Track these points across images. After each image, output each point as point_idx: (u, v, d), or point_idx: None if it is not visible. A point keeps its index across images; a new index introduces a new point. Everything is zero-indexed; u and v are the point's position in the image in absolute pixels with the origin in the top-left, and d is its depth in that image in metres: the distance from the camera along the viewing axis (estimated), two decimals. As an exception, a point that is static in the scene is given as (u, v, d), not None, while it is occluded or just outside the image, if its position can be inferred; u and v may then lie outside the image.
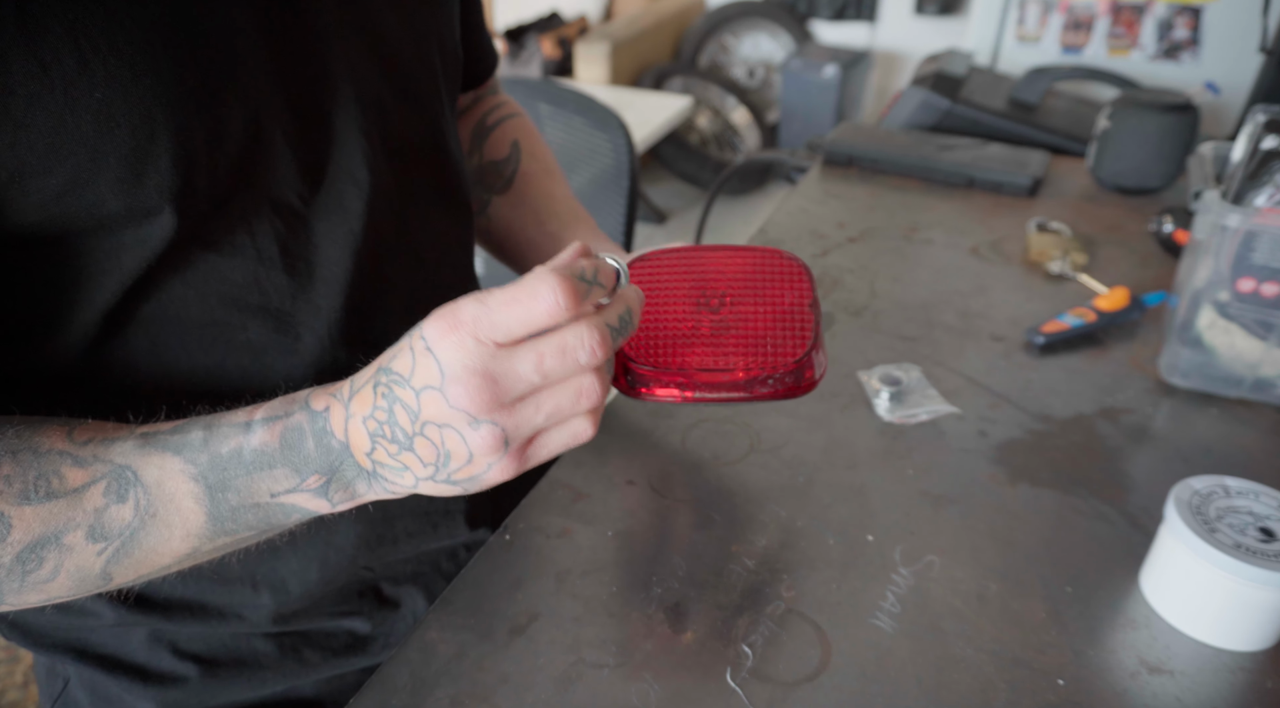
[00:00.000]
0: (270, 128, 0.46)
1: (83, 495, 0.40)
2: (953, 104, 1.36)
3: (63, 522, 0.40)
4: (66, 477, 0.40)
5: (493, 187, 0.74)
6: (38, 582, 0.41)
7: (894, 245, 1.03)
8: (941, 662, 0.52)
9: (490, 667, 0.52)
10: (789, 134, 3.41)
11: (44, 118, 0.37)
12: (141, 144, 0.40)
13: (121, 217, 0.42)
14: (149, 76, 0.40)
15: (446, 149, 0.60)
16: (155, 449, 0.41)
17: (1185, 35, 2.39)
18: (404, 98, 0.55)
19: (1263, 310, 0.72)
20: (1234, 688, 0.51)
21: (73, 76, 0.37)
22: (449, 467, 0.39)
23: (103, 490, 0.40)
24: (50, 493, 0.40)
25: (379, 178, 0.53)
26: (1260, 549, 0.51)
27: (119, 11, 0.39)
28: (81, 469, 0.41)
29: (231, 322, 0.49)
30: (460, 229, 0.64)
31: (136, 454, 0.41)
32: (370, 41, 0.52)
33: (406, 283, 0.57)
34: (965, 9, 3.29)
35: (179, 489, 0.41)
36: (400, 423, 0.39)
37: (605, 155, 1.39)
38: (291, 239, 0.49)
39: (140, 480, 0.41)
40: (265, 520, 0.43)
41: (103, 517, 0.40)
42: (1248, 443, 0.71)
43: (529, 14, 3.55)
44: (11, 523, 0.39)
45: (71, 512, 0.40)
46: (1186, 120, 1.10)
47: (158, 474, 0.41)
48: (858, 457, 0.69)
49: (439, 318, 0.38)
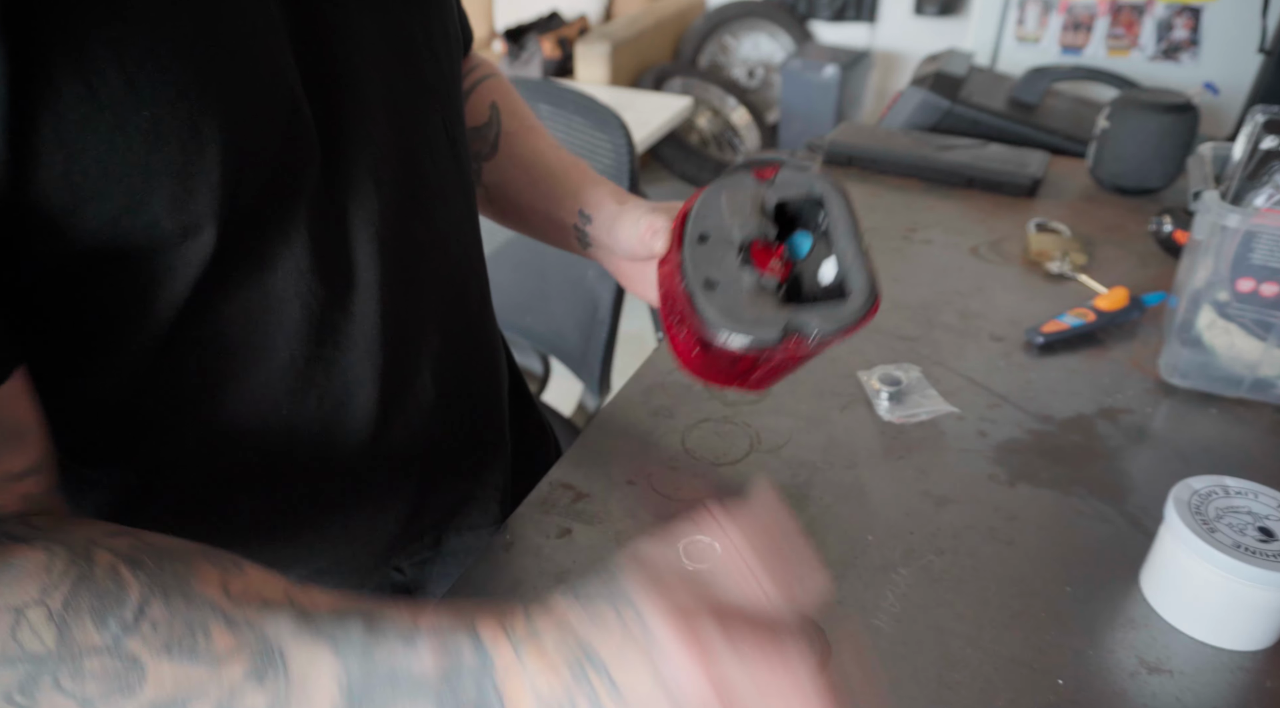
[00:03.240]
0: (304, 132, 0.46)
1: (224, 666, 0.36)
2: (952, 104, 1.36)
3: (197, 688, 0.36)
4: (214, 639, 0.36)
5: (479, 154, 0.73)
6: None
7: (894, 245, 1.03)
8: (941, 662, 0.52)
9: (491, 667, 0.52)
10: (789, 134, 3.41)
11: (95, 142, 0.37)
12: (192, 159, 0.40)
13: (176, 234, 0.41)
14: (194, 90, 0.39)
15: (458, 139, 0.60)
16: (310, 635, 0.36)
17: (1185, 35, 2.39)
18: (420, 91, 0.54)
19: (1262, 310, 0.72)
20: (1233, 688, 0.51)
21: (120, 97, 0.37)
22: None
23: (245, 668, 0.36)
24: (194, 653, 0.35)
25: (400, 176, 0.52)
26: (1259, 549, 0.51)
27: (159, 27, 0.38)
28: (231, 634, 0.36)
29: (274, 337, 0.48)
30: (473, 216, 0.64)
31: (290, 636, 0.36)
32: (383, 33, 0.51)
33: (434, 280, 0.57)
34: (965, 9, 3.29)
35: (321, 692, 0.36)
36: None
37: (605, 155, 1.39)
38: (324, 246, 0.48)
39: (286, 671, 0.36)
40: None
41: (236, 695, 0.36)
42: (1247, 443, 0.71)
43: (529, 14, 3.55)
44: (147, 676, 0.35)
45: (207, 683, 0.36)
46: (1186, 120, 1.10)
47: (306, 669, 0.36)
48: (858, 457, 0.69)
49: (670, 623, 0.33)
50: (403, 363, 0.53)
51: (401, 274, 0.53)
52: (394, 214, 0.51)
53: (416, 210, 0.54)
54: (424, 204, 0.55)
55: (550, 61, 3.32)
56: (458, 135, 0.59)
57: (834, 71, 3.19)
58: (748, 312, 0.49)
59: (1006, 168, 1.17)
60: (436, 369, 0.58)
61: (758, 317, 0.49)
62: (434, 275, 0.57)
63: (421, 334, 0.56)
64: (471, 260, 0.63)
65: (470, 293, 0.62)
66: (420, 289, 0.55)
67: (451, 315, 0.59)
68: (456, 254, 0.59)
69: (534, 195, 0.69)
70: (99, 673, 0.35)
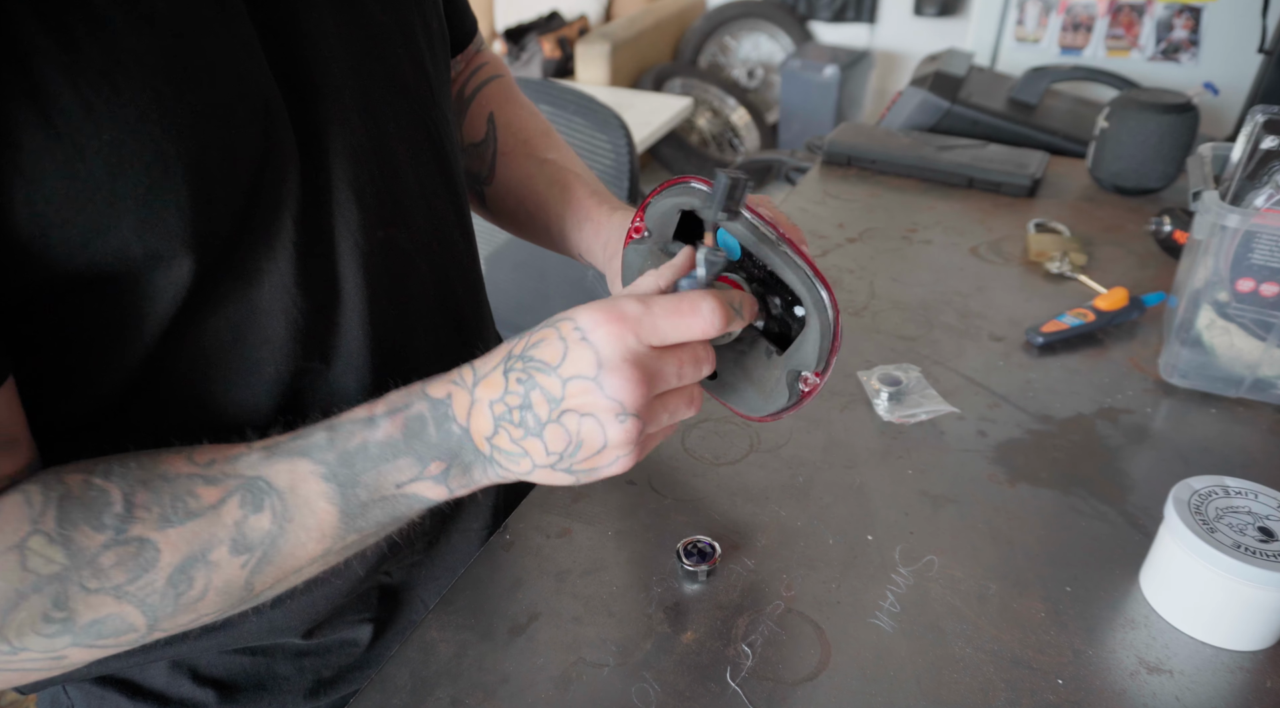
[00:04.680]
0: (282, 141, 0.45)
1: (220, 511, 0.41)
2: (952, 104, 1.36)
3: (207, 538, 0.40)
4: (201, 495, 0.41)
5: (479, 176, 0.72)
6: (189, 602, 0.41)
7: (894, 246, 1.03)
8: (941, 662, 0.52)
9: (490, 667, 0.52)
10: (789, 134, 3.42)
11: (54, 168, 0.36)
12: (156, 181, 0.39)
13: (147, 257, 0.41)
14: (155, 112, 0.38)
15: (443, 138, 0.59)
16: (282, 456, 0.42)
17: (1184, 35, 2.39)
18: (396, 92, 0.53)
19: (1262, 310, 0.72)
20: (1233, 688, 0.51)
21: (78, 122, 0.36)
22: (575, 456, 0.41)
23: (239, 503, 0.41)
24: (190, 513, 0.40)
25: (380, 180, 0.51)
26: (1259, 549, 0.51)
27: (116, 47, 0.37)
28: (214, 486, 0.41)
29: (260, 351, 0.48)
30: (462, 216, 0.63)
31: (264, 465, 0.42)
32: (359, 37, 0.50)
33: (420, 285, 0.56)
34: (965, 9, 3.29)
35: (311, 490, 0.41)
36: (535, 409, 0.40)
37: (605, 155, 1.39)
38: (307, 257, 0.48)
39: (274, 487, 0.41)
40: (391, 514, 0.44)
41: (243, 528, 0.41)
42: (1247, 443, 0.71)
43: (529, 14, 3.55)
44: (160, 547, 0.40)
45: (214, 528, 0.40)
46: (1186, 121, 1.10)
47: (289, 479, 0.41)
48: (857, 457, 0.69)
49: (596, 310, 0.40)
50: (392, 370, 0.53)
51: (386, 281, 0.52)
52: (375, 220, 0.51)
53: (398, 216, 0.53)
54: (406, 209, 0.54)
55: (550, 61, 3.32)
56: (442, 135, 0.58)
57: (834, 71, 3.19)
58: (757, 393, 0.50)
59: (1006, 168, 1.17)
60: (428, 374, 0.57)
61: (766, 392, 0.50)
62: (420, 280, 0.56)
63: (410, 340, 0.55)
64: (461, 263, 0.62)
65: (459, 295, 0.61)
66: (406, 295, 0.55)
67: (441, 319, 0.59)
68: (443, 258, 0.59)
69: (532, 226, 0.71)
70: (117, 563, 0.39)
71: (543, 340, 0.41)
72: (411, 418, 0.42)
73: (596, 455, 0.41)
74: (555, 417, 0.40)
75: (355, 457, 0.42)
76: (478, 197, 0.74)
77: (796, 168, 1.32)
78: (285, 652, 0.60)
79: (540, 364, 0.40)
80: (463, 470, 0.43)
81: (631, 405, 0.40)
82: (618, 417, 0.40)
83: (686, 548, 0.59)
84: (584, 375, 0.39)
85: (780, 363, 0.48)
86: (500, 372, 0.41)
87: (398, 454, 0.42)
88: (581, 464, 0.42)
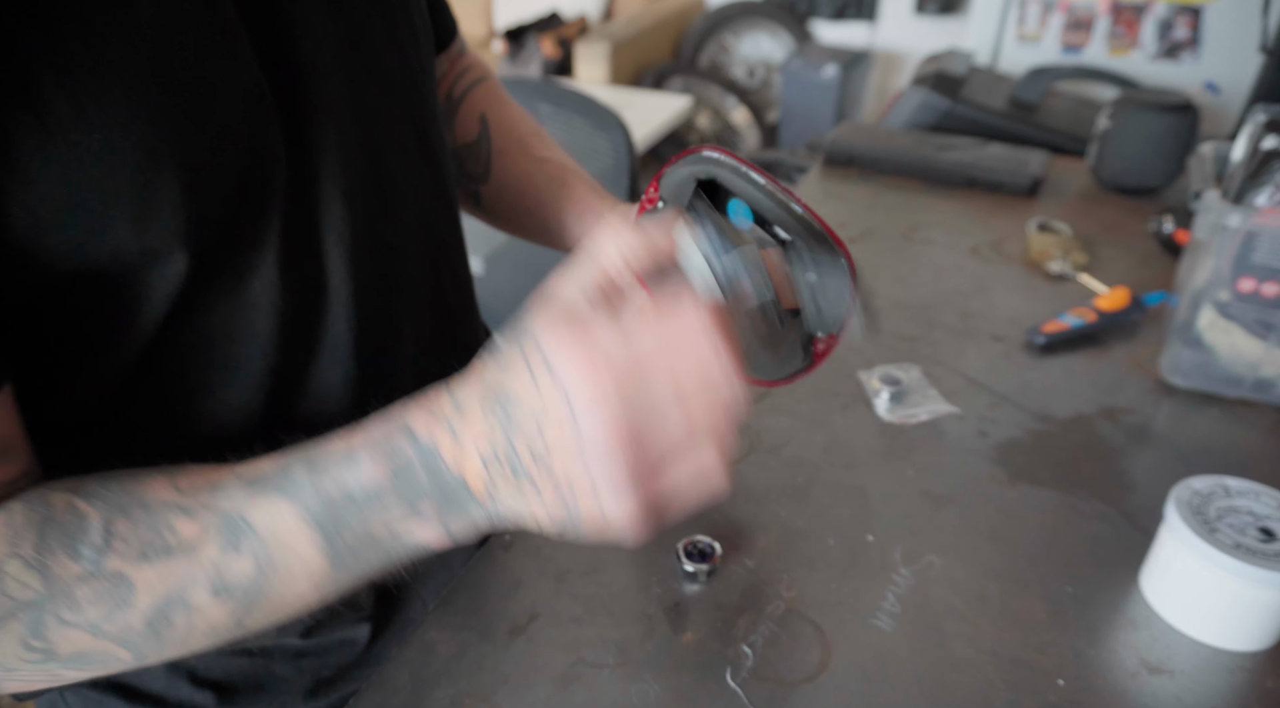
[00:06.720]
0: (270, 136, 0.45)
1: (199, 550, 0.38)
2: (953, 104, 1.36)
3: (183, 578, 0.38)
4: (179, 530, 0.38)
5: (474, 176, 0.72)
6: (175, 641, 0.40)
7: (894, 245, 1.03)
8: (941, 662, 0.52)
9: (490, 667, 0.52)
10: (789, 134, 3.41)
11: (50, 169, 0.36)
12: (150, 179, 0.39)
13: (143, 255, 0.41)
14: (145, 109, 0.38)
15: (429, 134, 0.59)
16: (262, 493, 0.39)
17: (1185, 35, 2.39)
18: (382, 86, 0.53)
19: (1263, 310, 0.72)
20: (1234, 688, 0.51)
21: (70, 123, 0.36)
22: (577, 509, 0.36)
23: (217, 544, 0.38)
24: (166, 549, 0.38)
25: (366, 175, 0.51)
26: (1260, 549, 0.51)
27: (102, 46, 0.37)
28: (192, 521, 0.39)
29: (249, 347, 0.48)
30: (450, 212, 0.63)
31: (244, 501, 0.39)
32: (344, 30, 0.50)
33: (408, 281, 0.56)
34: (965, 9, 3.29)
35: (294, 534, 0.39)
36: (521, 457, 0.36)
37: (605, 155, 1.39)
38: (294, 253, 0.48)
39: (254, 529, 0.39)
40: (385, 555, 0.40)
41: (220, 569, 0.38)
42: (1248, 443, 0.71)
43: (529, 14, 3.55)
44: (135, 585, 0.38)
45: (190, 568, 0.38)
46: (1186, 120, 1.10)
47: (269, 521, 0.39)
48: (858, 457, 0.69)
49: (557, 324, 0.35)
50: (379, 366, 0.52)
51: (373, 277, 0.52)
52: (361, 216, 0.51)
53: (384, 211, 0.53)
54: (392, 204, 0.54)
55: (550, 61, 3.32)
56: (428, 130, 0.58)
57: (834, 71, 3.19)
58: (771, 356, 0.49)
59: (1007, 168, 1.17)
60: (416, 370, 0.57)
61: (781, 355, 0.49)
62: (407, 276, 0.56)
63: (397, 336, 0.55)
64: (449, 258, 0.62)
65: (447, 288, 0.61)
66: (393, 291, 0.54)
67: (429, 315, 0.58)
68: (430, 254, 0.58)
69: (530, 224, 0.70)
70: (92, 597, 0.38)
71: (509, 364, 0.37)
72: (400, 469, 0.38)
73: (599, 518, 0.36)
74: (543, 467, 0.36)
75: (339, 503, 0.39)
76: (472, 197, 0.74)
77: (797, 167, 1.32)
78: (284, 652, 0.60)
79: (509, 398, 0.36)
80: (461, 513, 0.39)
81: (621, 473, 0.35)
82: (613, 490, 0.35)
83: (687, 548, 0.59)
84: (557, 410, 0.35)
85: (794, 325, 0.47)
86: (477, 402, 0.37)
87: (385, 500, 0.38)
88: (588, 528, 0.37)
